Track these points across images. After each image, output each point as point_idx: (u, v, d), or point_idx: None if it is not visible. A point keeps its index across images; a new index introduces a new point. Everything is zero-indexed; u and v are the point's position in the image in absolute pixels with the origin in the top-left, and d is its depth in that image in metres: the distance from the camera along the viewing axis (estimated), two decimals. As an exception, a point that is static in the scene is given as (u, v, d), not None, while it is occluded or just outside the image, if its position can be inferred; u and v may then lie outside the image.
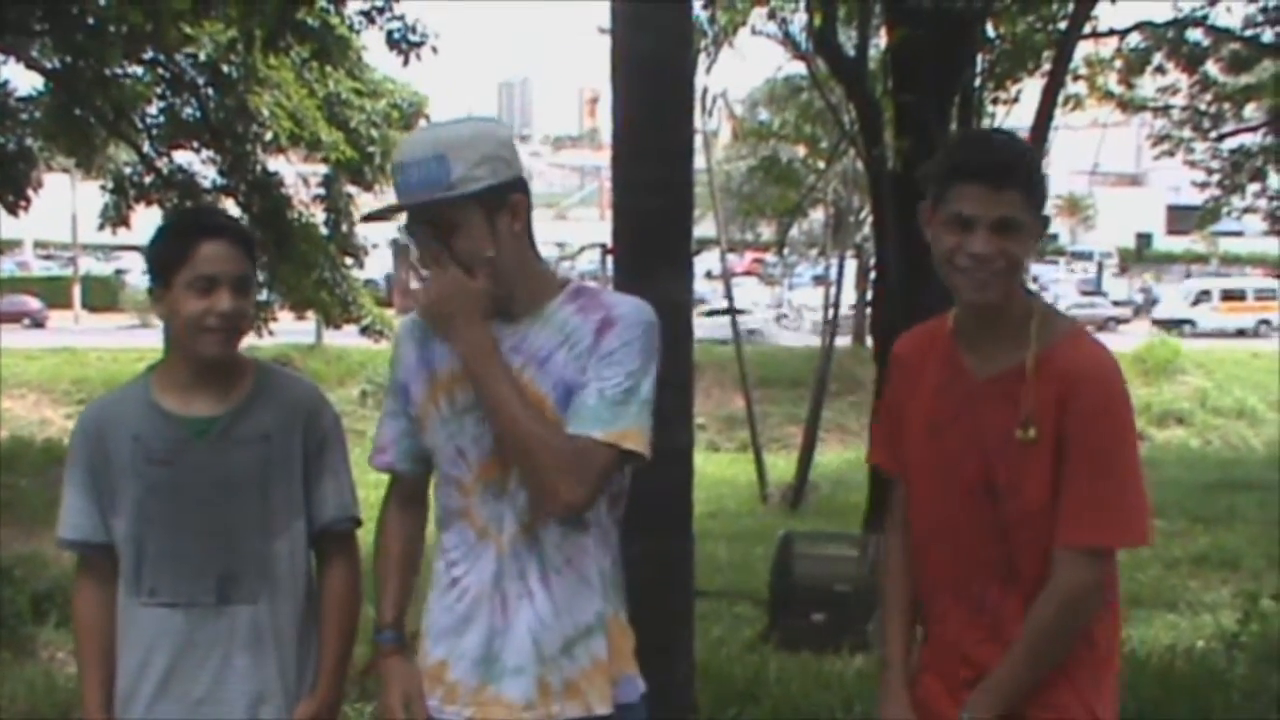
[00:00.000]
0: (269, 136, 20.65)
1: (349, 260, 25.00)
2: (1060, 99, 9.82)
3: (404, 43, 15.77)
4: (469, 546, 3.13)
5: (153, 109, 21.00)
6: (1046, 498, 2.94)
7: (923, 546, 3.16)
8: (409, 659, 3.21)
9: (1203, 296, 58.39)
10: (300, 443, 3.39)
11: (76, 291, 56.54)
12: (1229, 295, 58.51)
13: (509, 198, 3.04)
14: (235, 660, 3.31)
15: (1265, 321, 56.16)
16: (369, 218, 3.15)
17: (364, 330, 25.70)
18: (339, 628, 3.47)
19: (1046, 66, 10.15)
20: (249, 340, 3.56)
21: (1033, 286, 3.20)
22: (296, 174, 24.72)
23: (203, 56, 19.43)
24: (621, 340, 3.03)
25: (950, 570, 3.08)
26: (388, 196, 3.84)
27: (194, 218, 3.58)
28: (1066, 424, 2.91)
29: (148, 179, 21.07)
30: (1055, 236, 76.38)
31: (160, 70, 19.85)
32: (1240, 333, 54.06)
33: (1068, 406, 2.91)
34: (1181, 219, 63.31)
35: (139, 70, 20.07)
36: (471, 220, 3.01)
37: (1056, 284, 62.01)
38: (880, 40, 10.63)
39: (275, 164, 22.22)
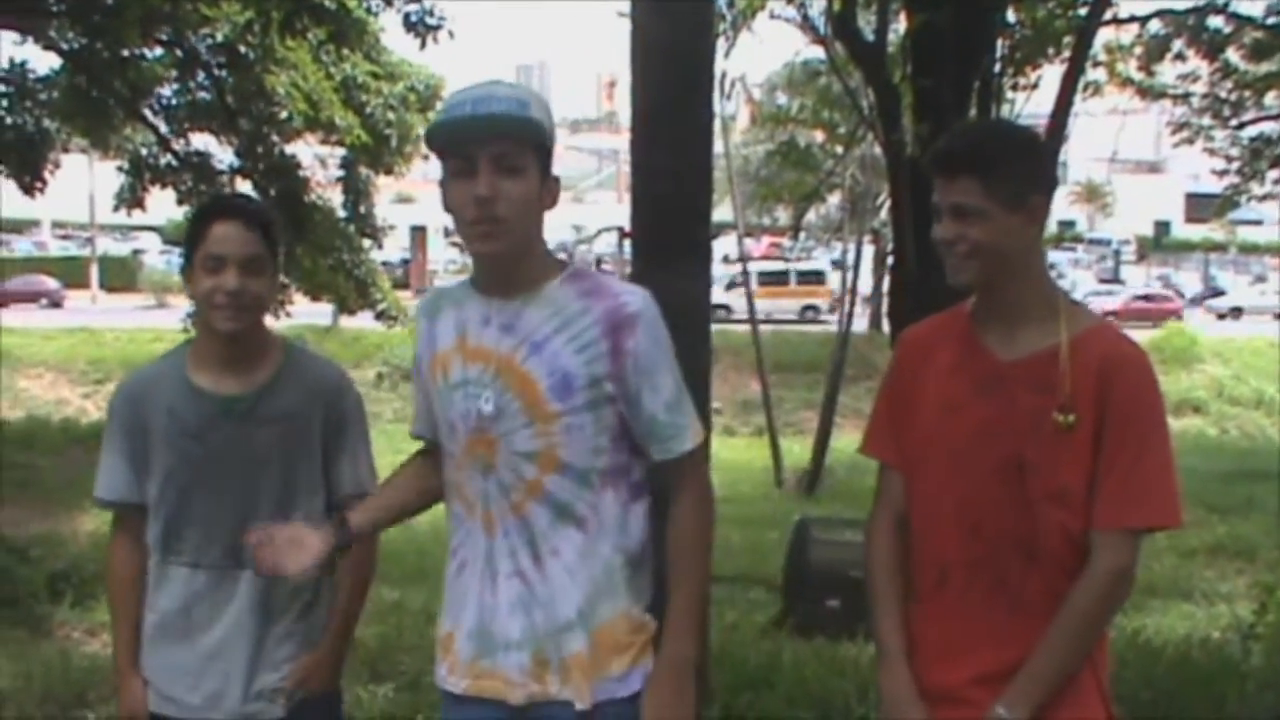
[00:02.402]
0: (285, 117, 20.65)
1: (367, 242, 24.99)
2: (1080, 86, 9.78)
3: (421, 25, 15.77)
4: (460, 520, 3.20)
5: (169, 90, 21.02)
6: (1080, 481, 2.98)
7: (934, 526, 3.15)
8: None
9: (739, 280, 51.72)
10: (321, 422, 3.57)
11: (94, 271, 56.63)
12: (768, 278, 51.47)
13: (550, 173, 3.11)
14: (243, 620, 3.52)
15: (812, 307, 52.59)
16: (433, 132, 3.06)
17: (379, 315, 25.68)
18: (347, 597, 3.68)
19: (1066, 53, 10.12)
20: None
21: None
22: (314, 156, 24.73)
23: (220, 38, 19.42)
24: (651, 339, 3.09)
25: (969, 549, 3.08)
26: (407, 180, 3.91)
27: (214, 201, 3.72)
28: (1107, 410, 2.96)
29: (164, 160, 21.09)
30: (1073, 223, 76.28)
31: (177, 51, 19.84)
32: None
33: (1109, 393, 2.96)
34: (1200, 207, 63.18)
35: (156, 51, 20.08)
36: (531, 172, 3.04)
37: (1073, 268, 62.04)
38: (900, 25, 10.60)
39: (293, 146, 22.21)
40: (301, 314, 27.08)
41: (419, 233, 62.90)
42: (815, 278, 54.22)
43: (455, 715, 3.21)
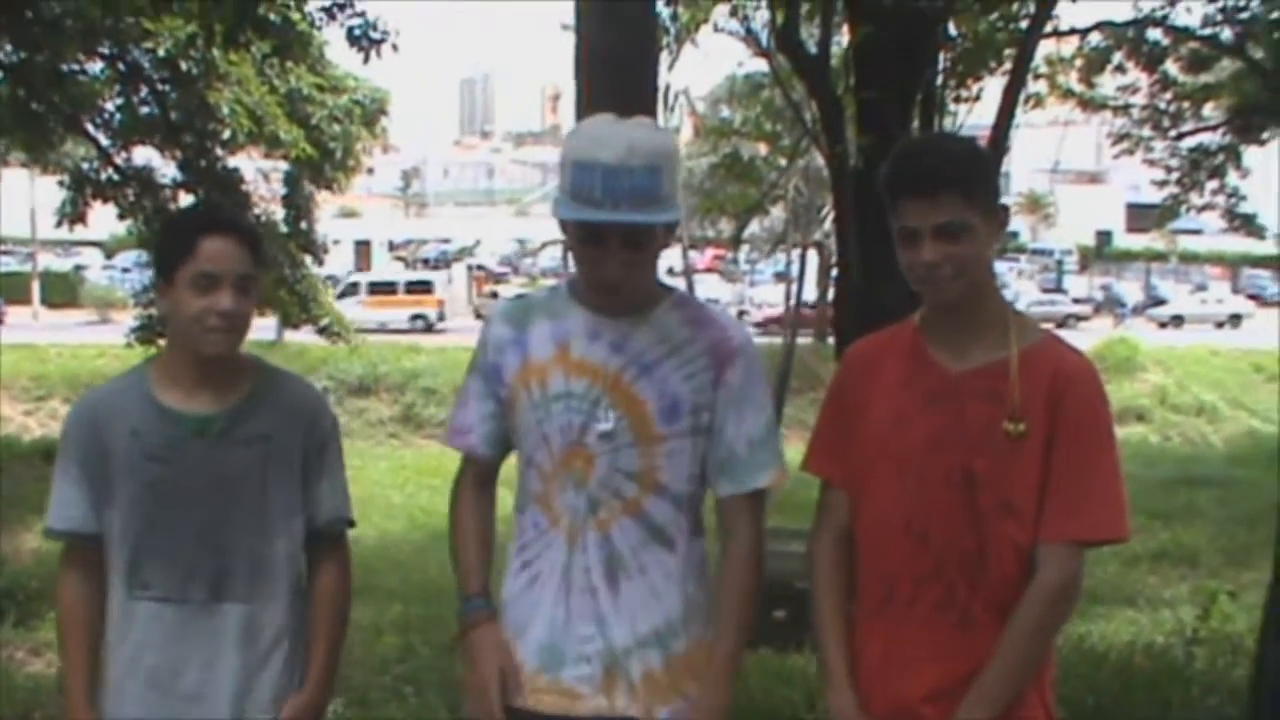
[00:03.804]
0: (228, 134, 20.54)
1: (308, 258, 24.91)
2: (1021, 98, 9.85)
3: (365, 39, 15.69)
4: (540, 531, 3.18)
5: (111, 105, 20.87)
6: (1029, 493, 2.98)
7: (881, 539, 3.13)
8: (498, 628, 3.21)
9: (350, 289, 49.95)
10: (300, 443, 3.38)
11: (35, 287, 56.06)
12: (378, 288, 52.07)
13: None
14: (224, 658, 3.29)
15: (421, 316, 50.75)
16: (571, 219, 3.02)
17: (321, 331, 25.59)
18: (329, 628, 3.47)
19: (1008, 65, 10.18)
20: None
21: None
22: (256, 170, 24.62)
23: (162, 52, 19.29)
24: (749, 374, 3.19)
25: (917, 562, 3.07)
26: (351, 194, 3.84)
27: (199, 213, 3.53)
28: (1058, 423, 2.97)
29: (105, 175, 20.92)
30: (1016, 234, 76.66)
31: (119, 65, 19.71)
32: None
33: (1060, 406, 2.97)
34: (1141, 217, 63.50)
35: (97, 65, 19.94)
36: (659, 233, 3.07)
37: (1017, 279, 62.41)
38: (843, 38, 10.65)
39: (236, 160, 22.10)
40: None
41: (363, 247, 62.72)
42: (423, 287, 53.72)
43: None
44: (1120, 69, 19.73)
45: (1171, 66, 19.74)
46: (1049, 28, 11.01)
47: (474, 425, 3.28)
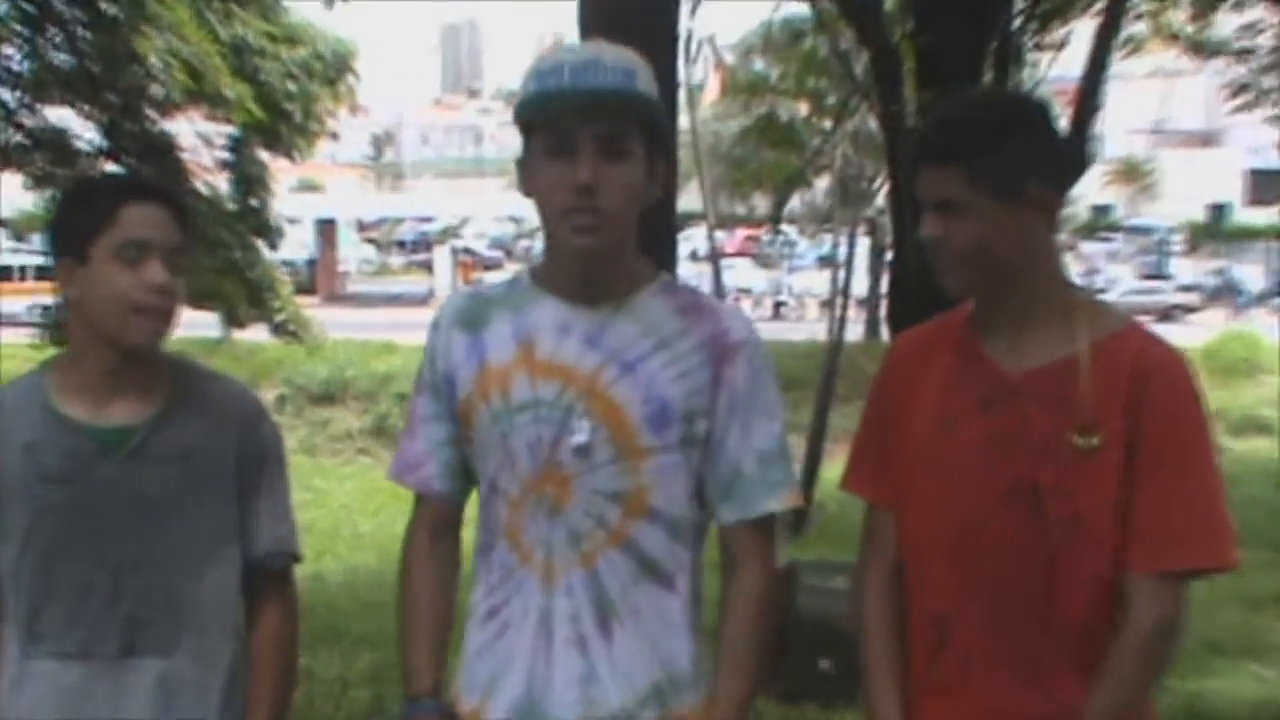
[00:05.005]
0: (160, 92, 20.50)
1: (260, 241, 24.87)
2: (1117, 43, 9.83)
3: (328, -20, 15.73)
4: (508, 571, 3.12)
5: (17, 54, 20.85)
6: (1106, 511, 2.93)
7: (929, 570, 3.12)
8: None
9: None
10: (233, 459, 3.31)
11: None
12: None
13: (660, 157, 3.10)
14: None
15: (44, 306, 46.90)
16: (524, 105, 3.06)
17: (275, 329, 25.49)
18: (272, 684, 3.41)
19: (1100, 3, 10.16)
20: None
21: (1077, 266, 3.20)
22: (197, 135, 24.61)
23: (80, -9, 19.30)
24: (754, 375, 3.12)
25: (976, 591, 3.04)
26: (312, 164, 3.83)
27: (115, 178, 3.49)
28: (1140, 428, 2.91)
29: (13, 139, 20.89)
30: (1109, 208, 76.63)
31: (24, 5, 19.68)
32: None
33: (1141, 407, 2.92)
34: (1264, 186, 63.45)
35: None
36: (638, 157, 3.04)
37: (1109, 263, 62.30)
38: (900, -27, 10.66)
39: (174, 123, 22.04)
40: (184, 324, 26.91)
41: (327, 226, 62.70)
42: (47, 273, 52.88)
43: None
44: (1239, 4, 19.64)
45: (1306, 0, 19.67)
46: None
47: (425, 456, 3.22)
